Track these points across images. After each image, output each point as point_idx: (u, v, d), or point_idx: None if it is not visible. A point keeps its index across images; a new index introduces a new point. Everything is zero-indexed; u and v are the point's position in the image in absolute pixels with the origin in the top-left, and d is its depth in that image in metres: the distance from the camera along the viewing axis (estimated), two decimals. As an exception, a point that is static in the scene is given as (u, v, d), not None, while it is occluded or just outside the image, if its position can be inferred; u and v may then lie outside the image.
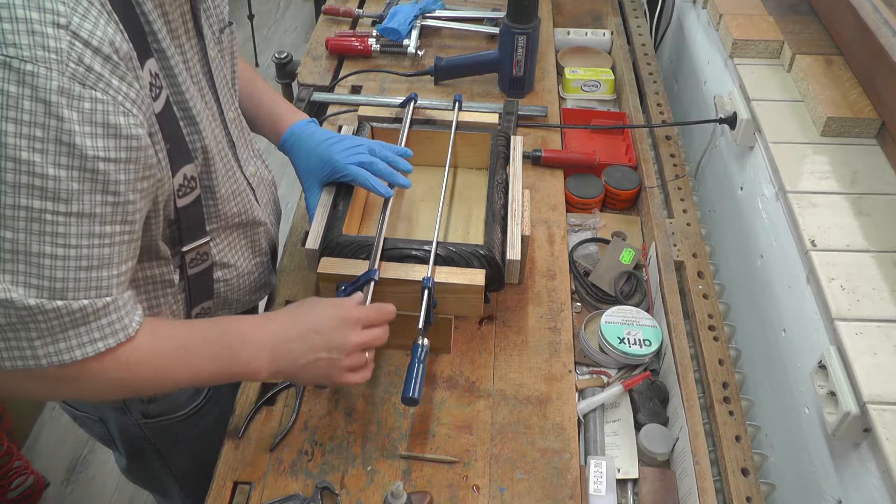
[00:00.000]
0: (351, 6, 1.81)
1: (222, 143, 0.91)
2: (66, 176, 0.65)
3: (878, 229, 1.01)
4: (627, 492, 0.97)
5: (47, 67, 0.62)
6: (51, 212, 0.65)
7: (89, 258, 0.69)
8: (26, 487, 1.86)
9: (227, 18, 0.96)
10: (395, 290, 1.00)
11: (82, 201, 0.67)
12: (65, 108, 0.63)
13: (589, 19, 1.87)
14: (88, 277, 0.70)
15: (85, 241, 0.68)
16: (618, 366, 1.11)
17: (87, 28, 0.65)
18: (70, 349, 0.71)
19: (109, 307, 0.73)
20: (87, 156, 0.66)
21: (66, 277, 0.68)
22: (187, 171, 0.83)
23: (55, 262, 0.67)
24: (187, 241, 0.90)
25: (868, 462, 0.84)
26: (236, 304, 1.06)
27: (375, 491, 0.93)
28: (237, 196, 0.96)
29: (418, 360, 0.93)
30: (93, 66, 0.65)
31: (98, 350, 0.72)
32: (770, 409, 1.11)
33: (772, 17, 1.37)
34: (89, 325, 0.71)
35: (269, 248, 1.11)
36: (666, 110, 1.53)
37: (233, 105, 0.96)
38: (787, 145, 1.14)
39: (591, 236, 1.30)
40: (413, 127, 1.23)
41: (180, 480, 1.20)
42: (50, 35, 0.62)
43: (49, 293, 0.68)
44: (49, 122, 0.63)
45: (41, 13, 0.62)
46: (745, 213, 1.28)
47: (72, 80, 0.64)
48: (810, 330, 1.00)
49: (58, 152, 0.64)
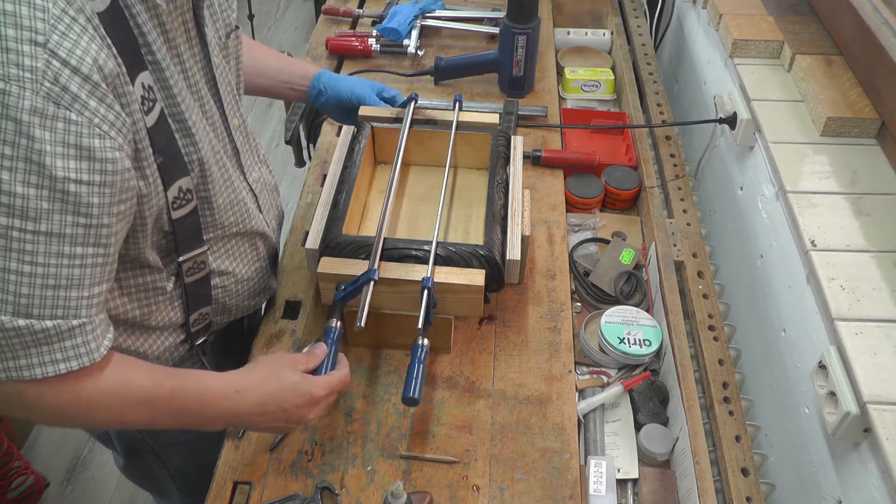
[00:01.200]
0: (351, 6, 1.81)
1: (221, 152, 0.90)
2: (35, 195, 0.65)
3: (878, 229, 1.00)
4: (627, 492, 0.97)
5: (20, 86, 0.61)
6: (18, 229, 0.65)
7: (57, 277, 0.69)
8: (26, 487, 1.86)
9: (234, 23, 0.95)
10: (394, 290, 1.00)
11: (51, 220, 0.66)
12: (37, 128, 0.63)
13: (589, 19, 1.87)
14: (56, 296, 0.69)
15: (53, 260, 0.68)
16: (618, 366, 1.11)
17: (67, 46, 0.64)
18: (30, 367, 0.70)
19: (76, 330, 0.72)
20: (57, 176, 0.65)
21: (31, 294, 0.68)
22: (182, 183, 0.83)
23: (21, 278, 0.67)
24: (184, 251, 0.90)
25: (868, 462, 0.84)
26: (235, 310, 1.06)
27: (375, 491, 0.93)
28: (235, 206, 0.95)
29: (418, 361, 0.93)
30: (69, 86, 0.64)
31: (58, 371, 0.71)
32: (770, 409, 1.11)
33: (772, 17, 1.37)
34: (52, 345, 0.71)
35: (268, 254, 1.10)
36: (666, 110, 1.53)
37: (237, 111, 0.96)
38: (787, 145, 1.14)
39: (591, 236, 1.30)
40: (413, 127, 1.23)
41: (178, 481, 1.20)
42: (26, 53, 0.61)
43: (13, 308, 0.67)
44: (19, 140, 0.62)
45: (18, 30, 0.61)
46: (745, 213, 1.28)
47: (46, 99, 0.63)
48: (810, 330, 1.00)
49: (27, 171, 0.64)
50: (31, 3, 0.62)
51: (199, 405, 0.84)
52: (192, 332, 1.00)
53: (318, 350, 0.92)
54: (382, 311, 1.03)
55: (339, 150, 1.20)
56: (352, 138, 1.22)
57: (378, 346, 1.09)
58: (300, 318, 1.13)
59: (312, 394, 0.87)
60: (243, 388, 0.86)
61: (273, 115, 3.21)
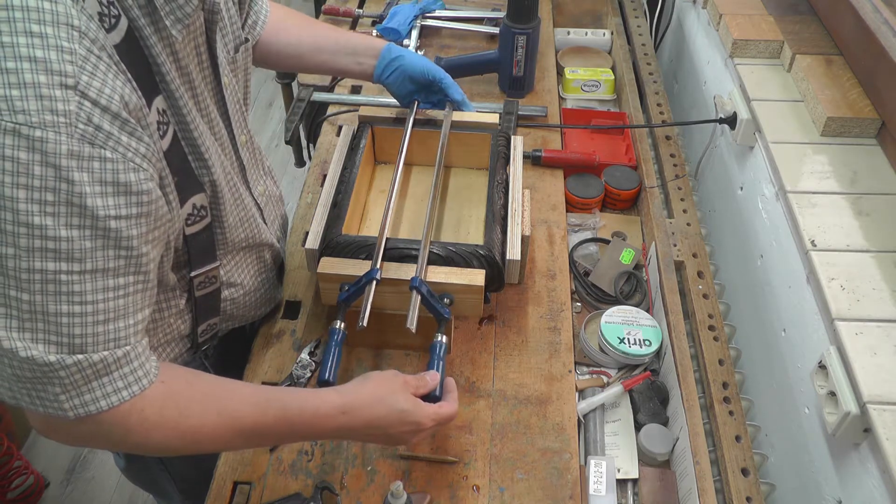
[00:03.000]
0: (351, 6, 1.81)
1: (231, 172, 0.91)
2: (78, 236, 0.66)
3: (878, 229, 1.00)
4: (627, 492, 0.97)
5: (56, 132, 0.62)
6: (65, 272, 0.66)
7: (105, 312, 0.70)
8: (26, 487, 1.86)
9: (243, 35, 0.95)
10: (395, 289, 1.00)
11: (95, 258, 0.67)
12: (75, 171, 0.64)
13: (589, 19, 1.87)
14: (106, 330, 0.70)
15: (100, 296, 0.69)
16: (618, 366, 1.11)
17: (96, 87, 0.64)
18: (95, 400, 0.71)
19: (129, 356, 0.73)
20: (99, 216, 0.66)
21: (84, 333, 0.69)
22: (196, 200, 0.83)
23: (73, 319, 0.68)
24: (196, 267, 0.90)
25: (868, 462, 0.84)
26: (241, 319, 1.06)
27: (375, 491, 0.93)
28: (245, 223, 0.96)
29: (438, 357, 0.93)
30: (101, 125, 0.65)
31: (122, 399, 0.73)
32: (770, 409, 1.11)
33: (772, 16, 1.37)
34: (111, 374, 0.72)
35: (275, 265, 1.11)
36: (666, 110, 1.53)
37: (244, 128, 0.96)
38: (787, 145, 1.14)
39: (591, 236, 1.30)
40: (414, 127, 1.23)
41: (178, 483, 1.20)
42: (58, 98, 0.62)
43: (69, 349, 0.68)
44: (60, 185, 0.63)
45: (49, 76, 0.62)
46: (745, 213, 1.28)
47: (81, 141, 0.64)
48: (810, 330, 1.00)
49: (69, 213, 0.65)
50: (59, 46, 0.62)
51: (304, 429, 0.83)
52: (199, 342, 1.00)
53: (429, 377, 0.90)
54: (384, 312, 1.03)
55: (339, 150, 1.20)
56: (352, 138, 1.22)
57: (379, 346, 1.09)
58: (300, 318, 1.13)
59: (420, 424, 0.86)
60: (351, 409, 0.84)
61: (273, 115, 3.21)
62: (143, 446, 0.77)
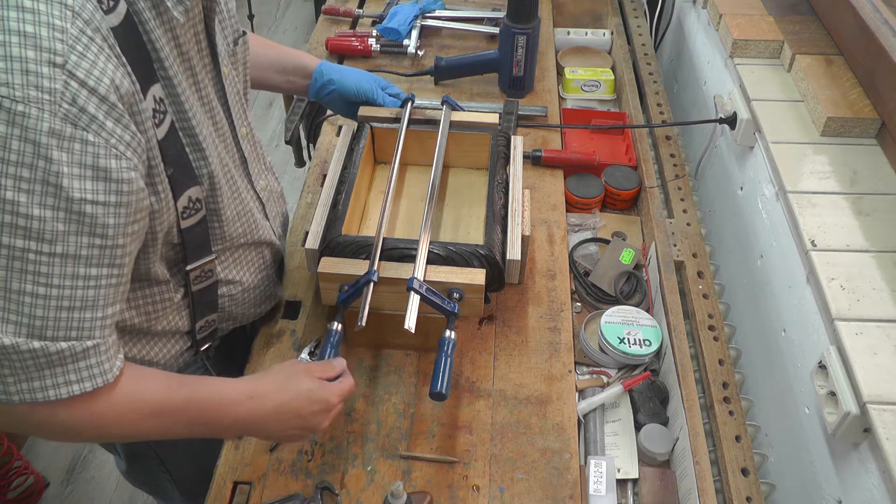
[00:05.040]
0: (351, 6, 1.81)
1: (230, 163, 0.90)
2: (51, 217, 0.64)
3: (878, 229, 1.00)
4: (627, 492, 0.97)
5: (39, 108, 0.61)
6: (34, 251, 0.65)
7: (71, 299, 0.68)
8: (26, 487, 1.86)
9: (240, 28, 0.95)
10: (394, 289, 1.00)
11: (67, 242, 0.66)
12: (54, 150, 0.63)
13: (589, 19, 1.87)
14: (70, 318, 0.69)
15: (68, 282, 0.68)
16: (618, 366, 1.11)
17: (85, 67, 0.63)
18: (44, 388, 0.70)
19: (90, 351, 0.71)
20: (74, 198, 0.65)
21: (45, 316, 0.67)
22: (192, 193, 0.82)
23: (35, 300, 0.66)
24: (192, 260, 0.89)
25: (868, 462, 0.84)
26: (241, 317, 1.06)
27: (375, 491, 0.93)
28: (243, 217, 0.95)
29: (445, 354, 0.92)
30: (87, 107, 0.64)
31: (73, 393, 0.71)
32: (770, 409, 1.11)
33: (772, 17, 1.37)
34: (66, 366, 0.70)
35: (275, 262, 1.10)
36: (666, 110, 1.53)
37: (245, 120, 0.95)
38: (787, 145, 1.14)
39: (591, 236, 1.30)
40: (412, 127, 1.23)
41: (179, 484, 1.20)
42: (44, 74, 0.61)
43: (28, 330, 0.67)
44: (37, 162, 0.62)
45: (37, 52, 0.61)
46: (745, 213, 1.28)
47: (63, 120, 0.63)
48: (810, 330, 1.00)
49: (44, 193, 0.63)
50: (50, 24, 0.62)
51: (213, 413, 0.83)
52: (198, 339, 1.00)
53: (335, 362, 0.91)
54: (383, 312, 1.03)
55: (338, 151, 1.20)
56: (351, 138, 1.22)
57: (378, 346, 1.09)
58: (300, 318, 1.13)
59: (328, 401, 0.87)
60: (258, 394, 0.85)
61: (273, 115, 3.21)
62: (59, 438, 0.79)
